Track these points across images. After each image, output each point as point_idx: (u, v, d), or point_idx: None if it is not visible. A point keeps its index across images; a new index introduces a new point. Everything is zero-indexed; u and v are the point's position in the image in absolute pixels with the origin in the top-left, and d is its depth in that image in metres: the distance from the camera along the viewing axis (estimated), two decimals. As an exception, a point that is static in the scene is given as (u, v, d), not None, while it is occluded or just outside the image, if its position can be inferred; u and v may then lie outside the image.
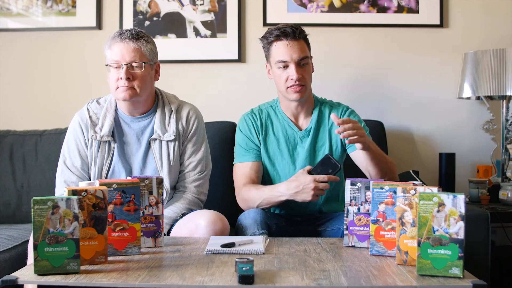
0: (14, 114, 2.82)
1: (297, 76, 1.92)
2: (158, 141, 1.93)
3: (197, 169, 1.97)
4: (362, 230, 1.50)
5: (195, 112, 2.02)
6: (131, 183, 1.39)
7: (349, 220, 1.51)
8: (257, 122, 2.05)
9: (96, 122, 1.93)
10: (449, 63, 2.78)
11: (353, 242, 1.51)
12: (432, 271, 1.19)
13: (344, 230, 1.52)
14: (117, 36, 1.87)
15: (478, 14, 2.79)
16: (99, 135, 1.91)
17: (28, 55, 2.84)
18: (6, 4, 2.82)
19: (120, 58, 1.85)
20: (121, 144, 1.94)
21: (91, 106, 1.97)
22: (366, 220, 1.49)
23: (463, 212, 1.17)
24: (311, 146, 2.01)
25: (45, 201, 1.19)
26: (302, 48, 1.95)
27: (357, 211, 1.51)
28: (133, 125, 1.95)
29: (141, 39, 1.88)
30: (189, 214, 1.86)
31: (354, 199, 1.51)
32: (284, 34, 1.93)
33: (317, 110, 2.05)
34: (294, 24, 1.96)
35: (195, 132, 1.99)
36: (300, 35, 1.94)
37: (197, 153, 1.98)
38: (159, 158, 1.91)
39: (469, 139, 2.79)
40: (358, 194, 1.51)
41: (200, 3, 2.79)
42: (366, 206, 1.50)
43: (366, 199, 1.50)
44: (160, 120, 1.94)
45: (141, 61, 1.86)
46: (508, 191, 2.46)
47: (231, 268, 1.25)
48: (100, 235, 1.29)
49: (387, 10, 2.78)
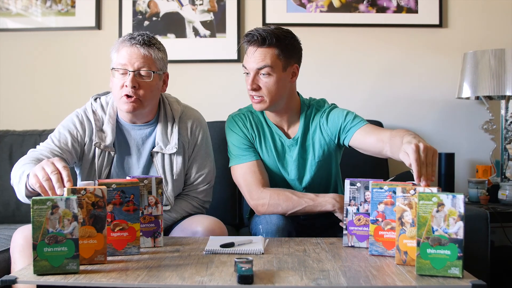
0: (13, 114, 2.82)
1: (250, 86, 1.82)
2: (161, 154, 1.84)
3: (206, 181, 1.94)
4: (362, 230, 1.50)
5: (199, 122, 1.93)
6: (131, 183, 1.39)
7: (348, 220, 1.51)
8: (247, 123, 1.95)
9: (100, 127, 1.82)
10: (449, 63, 2.78)
11: (353, 242, 1.51)
12: (432, 271, 1.19)
13: (344, 230, 1.52)
14: (127, 39, 1.74)
15: (478, 14, 2.79)
16: (103, 144, 1.80)
17: (27, 55, 2.84)
18: (6, 4, 2.82)
19: (127, 63, 1.72)
20: (120, 155, 1.85)
21: (96, 108, 1.86)
22: (366, 220, 1.49)
23: (463, 212, 1.17)
24: (298, 155, 1.94)
25: (44, 201, 1.19)
26: (266, 57, 1.79)
27: (356, 211, 1.51)
28: (133, 133, 1.86)
29: (153, 46, 1.75)
30: (187, 218, 1.84)
31: (354, 199, 1.51)
32: (249, 40, 1.81)
33: (303, 116, 1.94)
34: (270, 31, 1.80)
35: (201, 143, 1.91)
36: (269, 44, 1.78)
37: (205, 166, 1.93)
38: (162, 172, 1.83)
39: (469, 139, 2.80)
40: (357, 194, 1.50)
41: (200, 3, 2.79)
42: (366, 206, 1.49)
43: (365, 199, 1.49)
44: (162, 131, 1.84)
45: (150, 69, 1.73)
46: (507, 191, 2.46)
47: (231, 268, 1.25)
48: (99, 234, 1.29)
49: (386, 10, 2.78)
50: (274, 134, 1.96)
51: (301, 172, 1.96)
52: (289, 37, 1.84)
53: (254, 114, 1.98)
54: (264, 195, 1.85)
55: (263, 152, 1.95)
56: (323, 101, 2.01)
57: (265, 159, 1.96)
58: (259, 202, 1.86)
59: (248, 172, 1.90)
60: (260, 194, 1.86)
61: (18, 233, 1.63)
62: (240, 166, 1.93)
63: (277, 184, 1.95)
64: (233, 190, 2.46)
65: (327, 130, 1.92)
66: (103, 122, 1.84)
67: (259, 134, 1.95)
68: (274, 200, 1.84)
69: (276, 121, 1.96)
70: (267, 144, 1.95)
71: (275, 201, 1.84)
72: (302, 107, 1.97)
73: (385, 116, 2.74)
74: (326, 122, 1.92)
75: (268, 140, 1.95)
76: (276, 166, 1.95)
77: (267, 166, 1.96)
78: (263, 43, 1.79)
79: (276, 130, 1.96)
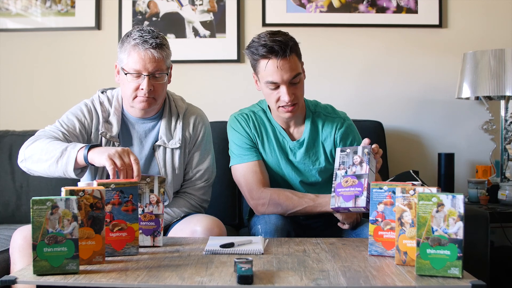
0: (13, 114, 2.82)
1: (289, 98, 1.79)
2: (163, 147, 1.88)
3: (204, 178, 1.94)
4: (348, 190, 1.56)
5: (202, 118, 1.96)
6: (129, 183, 1.39)
7: (336, 183, 1.58)
8: (250, 123, 1.95)
9: (106, 118, 1.87)
10: (448, 63, 2.78)
11: (339, 203, 1.56)
12: (431, 271, 1.19)
13: (332, 192, 1.59)
14: (140, 43, 1.73)
15: (477, 14, 2.79)
16: (109, 134, 1.85)
17: (27, 55, 2.84)
18: (5, 4, 2.82)
19: (141, 68, 1.74)
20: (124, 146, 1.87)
21: (103, 100, 1.89)
22: (353, 181, 1.55)
23: (462, 212, 1.17)
24: (303, 159, 1.93)
25: (44, 201, 1.19)
26: (293, 65, 1.78)
27: (344, 174, 1.58)
28: (137, 127, 1.90)
29: (164, 46, 1.78)
30: (186, 217, 1.84)
31: (343, 164, 1.59)
32: (272, 53, 1.75)
33: (309, 120, 1.94)
34: (281, 38, 1.77)
35: (202, 139, 1.94)
36: (291, 51, 1.76)
37: (204, 162, 1.94)
38: (163, 165, 1.87)
39: (468, 139, 2.80)
40: (346, 159, 1.59)
41: (199, 3, 2.79)
42: (353, 169, 1.57)
43: (353, 162, 1.57)
44: (166, 126, 1.89)
45: (163, 71, 1.78)
46: (507, 191, 2.46)
47: (230, 268, 1.25)
48: (98, 235, 1.29)
49: (386, 10, 2.78)
50: (277, 134, 1.96)
51: (305, 174, 1.96)
52: (295, 39, 1.84)
53: (257, 115, 1.98)
54: (264, 195, 1.86)
55: (266, 153, 1.95)
56: (331, 108, 2.01)
57: (267, 159, 1.96)
58: (259, 201, 1.86)
59: (249, 172, 1.90)
60: (260, 194, 1.86)
61: (18, 233, 1.63)
62: (241, 165, 1.93)
63: (279, 185, 1.95)
64: (233, 190, 2.46)
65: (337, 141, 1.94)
66: (109, 113, 1.89)
67: (261, 134, 1.95)
68: (274, 199, 1.84)
69: (283, 122, 1.95)
70: (270, 144, 1.95)
71: (275, 201, 1.84)
72: (308, 109, 1.97)
73: (385, 116, 2.74)
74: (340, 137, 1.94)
75: (271, 140, 1.95)
76: (278, 166, 1.95)
77: (269, 166, 1.96)
78: (290, 53, 1.76)
79: (280, 131, 1.95)
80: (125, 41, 1.79)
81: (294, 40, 1.83)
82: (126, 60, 1.77)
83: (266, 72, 1.79)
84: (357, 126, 2.12)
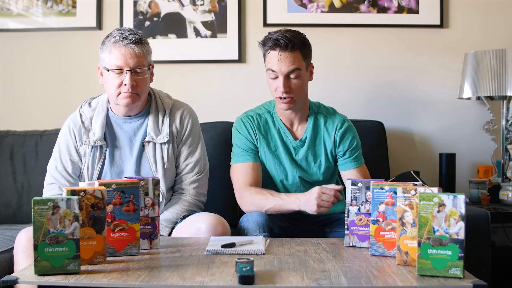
0: (14, 115, 2.82)
1: (283, 89, 1.88)
2: (152, 143, 1.90)
3: (195, 171, 1.96)
4: (363, 230, 1.50)
5: (189, 112, 1.99)
6: (131, 183, 1.39)
7: (349, 220, 1.52)
8: (254, 125, 2.01)
9: (89, 127, 1.90)
10: (450, 64, 2.78)
11: (354, 242, 1.51)
12: (432, 271, 1.19)
13: (345, 230, 1.53)
14: (120, 40, 1.80)
15: (479, 14, 2.79)
16: (92, 140, 1.88)
17: (28, 55, 2.84)
18: (7, 4, 2.83)
19: (123, 64, 1.79)
20: (112, 148, 1.91)
21: (83, 110, 1.94)
22: (367, 220, 1.49)
23: (463, 212, 1.17)
24: (305, 157, 2.00)
25: (45, 202, 1.19)
26: (294, 60, 1.87)
27: (357, 211, 1.51)
28: (125, 127, 1.92)
29: (143, 42, 1.84)
30: (190, 216, 1.85)
31: (355, 199, 1.52)
32: (276, 45, 1.86)
33: (312, 118, 2.02)
34: (291, 34, 1.88)
35: (190, 133, 1.96)
36: (294, 47, 1.86)
37: (193, 155, 1.96)
38: (153, 161, 1.89)
39: (470, 140, 2.79)
40: (358, 194, 1.51)
41: (201, 3, 2.79)
42: (367, 206, 1.50)
43: (366, 199, 1.50)
44: (154, 122, 1.92)
45: (144, 66, 1.83)
46: (508, 191, 2.46)
47: (232, 268, 1.25)
48: (99, 235, 1.29)
49: (387, 10, 2.78)
50: (281, 134, 2.01)
51: (308, 172, 2.00)
52: (307, 39, 1.93)
53: (262, 117, 2.04)
54: (245, 194, 1.93)
55: (268, 154, 2.00)
56: (333, 110, 2.09)
57: (269, 160, 2.00)
58: (242, 200, 1.95)
59: (241, 171, 1.98)
60: (243, 193, 1.94)
61: (22, 234, 1.64)
62: (236, 165, 2.01)
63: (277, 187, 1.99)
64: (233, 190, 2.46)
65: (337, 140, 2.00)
66: (91, 119, 1.92)
67: (265, 136, 2.01)
68: (250, 198, 1.91)
69: (287, 120, 2.02)
70: (275, 144, 2.00)
71: (250, 199, 1.91)
72: (310, 109, 2.04)
73: (386, 116, 2.73)
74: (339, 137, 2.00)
75: (275, 140, 2.01)
76: (282, 166, 2.00)
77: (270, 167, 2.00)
78: (292, 48, 1.86)
79: (284, 131, 2.01)
80: (105, 40, 1.85)
81: (304, 40, 1.92)
82: (108, 58, 1.82)
83: (268, 60, 1.92)
84: (358, 126, 2.12)
